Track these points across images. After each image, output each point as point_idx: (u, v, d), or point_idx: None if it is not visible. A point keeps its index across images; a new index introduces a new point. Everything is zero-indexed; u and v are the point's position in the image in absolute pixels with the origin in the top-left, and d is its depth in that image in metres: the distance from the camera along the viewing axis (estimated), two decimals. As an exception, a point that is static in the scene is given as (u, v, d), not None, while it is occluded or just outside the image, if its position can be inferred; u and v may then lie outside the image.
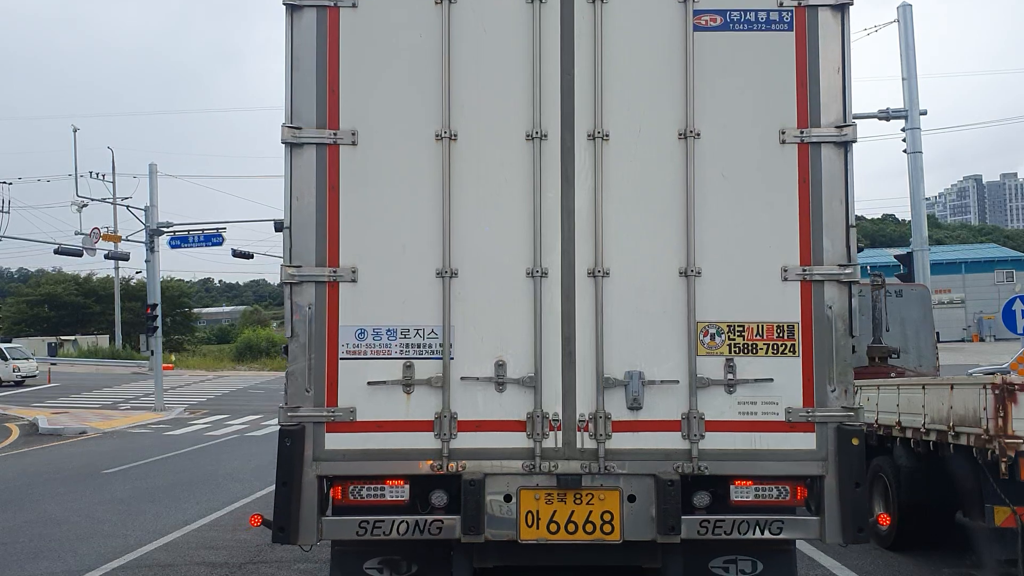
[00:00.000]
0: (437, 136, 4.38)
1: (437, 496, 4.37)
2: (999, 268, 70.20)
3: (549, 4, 4.35)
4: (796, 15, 4.34)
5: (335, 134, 4.38)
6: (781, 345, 4.34)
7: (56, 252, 33.08)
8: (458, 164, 4.38)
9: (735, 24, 4.36)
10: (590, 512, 4.22)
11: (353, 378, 4.41)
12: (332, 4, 4.35)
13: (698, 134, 4.35)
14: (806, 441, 4.28)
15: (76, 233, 40.27)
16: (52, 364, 55.95)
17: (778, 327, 4.34)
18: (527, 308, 4.36)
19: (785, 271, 4.34)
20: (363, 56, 4.41)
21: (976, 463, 6.51)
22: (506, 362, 4.35)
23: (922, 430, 7.36)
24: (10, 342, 49.82)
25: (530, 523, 4.23)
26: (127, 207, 42.37)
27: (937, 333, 13.36)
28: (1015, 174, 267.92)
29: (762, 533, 4.22)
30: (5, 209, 35.76)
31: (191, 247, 28.92)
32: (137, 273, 58.96)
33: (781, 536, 4.29)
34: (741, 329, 4.33)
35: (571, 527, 4.23)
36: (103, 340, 64.13)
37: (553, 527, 4.23)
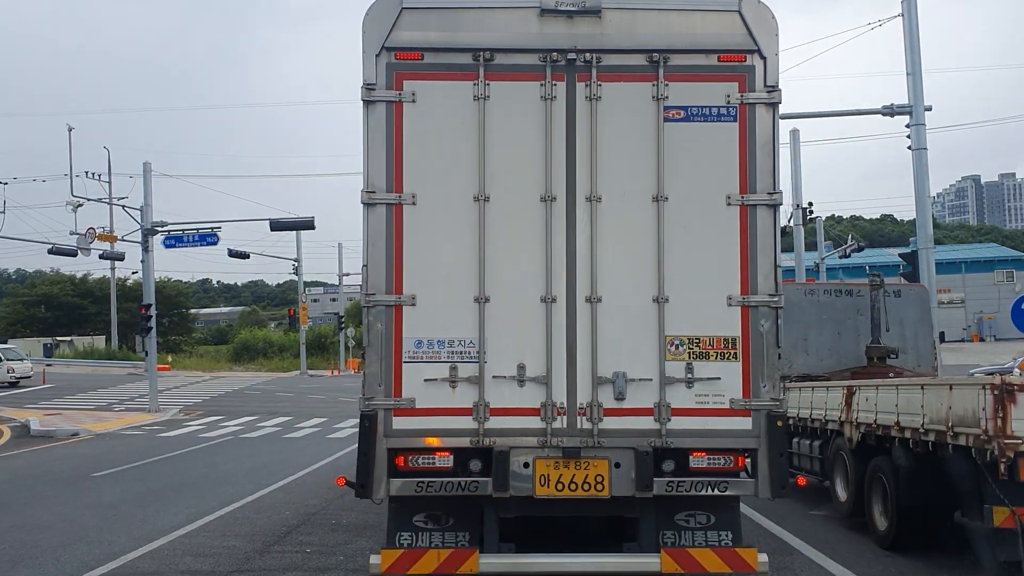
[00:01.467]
0: (475, 198, 5.78)
1: (474, 464, 5.72)
2: (999, 268, 69.99)
3: (557, 102, 5.80)
4: (739, 110, 5.78)
5: (400, 196, 5.76)
6: (726, 353, 5.77)
7: (50, 252, 32.76)
8: (490, 219, 5.78)
9: (694, 117, 5.81)
10: (587, 475, 5.68)
11: (413, 376, 5.73)
12: (397, 100, 5.76)
13: (666, 198, 5.77)
14: (744, 423, 5.71)
15: (71, 233, 40.06)
16: (48, 365, 55.62)
17: (724, 340, 5.76)
18: (541, 325, 5.77)
19: (730, 299, 5.75)
20: (419, 137, 5.79)
21: (975, 463, 6.62)
22: (525, 365, 5.75)
23: (921, 430, 7.39)
24: (5, 343, 49.41)
25: (543, 483, 5.67)
26: (123, 207, 42.15)
27: (942, 333, 13.09)
28: (1013, 174, 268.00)
29: (712, 491, 5.71)
30: (1, 209, 35.48)
31: (186, 246, 28.63)
32: (133, 273, 58.59)
33: (727, 493, 5.78)
34: (697, 341, 5.76)
35: (572, 486, 5.68)
36: (100, 341, 63.81)
37: (559, 486, 5.67)
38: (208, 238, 27.99)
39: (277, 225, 28.06)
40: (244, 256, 42.76)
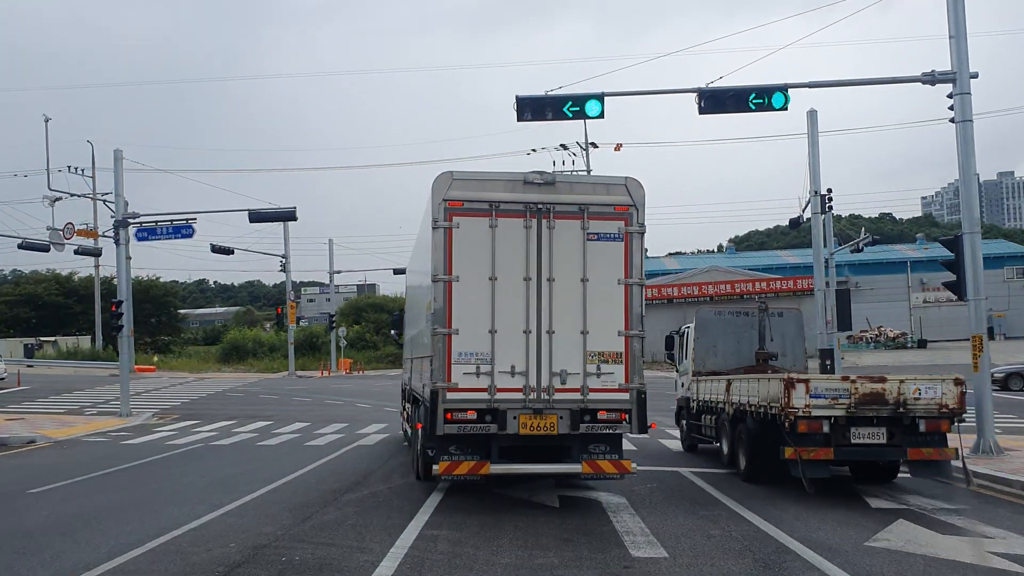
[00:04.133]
0: (490, 279, 10.26)
1: (487, 417, 10.18)
2: (1009, 265, 68.17)
3: (532, 229, 10.32)
4: (624, 236, 10.42)
5: (450, 276, 10.19)
6: (616, 360, 10.39)
7: (20, 247, 30.94)
8: (498, 289, 10.28)
9: (602, 238, 10.39)
10: (546, 422, 10.26)
11: (457, 370, 10.15)
12: (449, 227, 10.18)
13: (588, 280, 10.37)
14: (625, 396, 10.38)
15: (49, 228, 38.29)
16: (28, 366, 53.85)
17: (616, 353, 10.37)
18: (523, 345, 10.30)
19: (619, 332, 10.40)
20: (461, 246, 10.21)
21: (778, 422, 11.52)
22: (515, 366, 10.25)
23: (759, 406, 12.24)
24: (-17, 343, 47.52)
25: (523, 427, 10.23)
26: (105, 203, 40.37)
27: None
28: (1012, 172, 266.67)
29: (610, 431, 10.43)
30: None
31: (159, 239, 26.85)
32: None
33: (616, 432, 10.52)
34: (602, 354, 10.35)
35: (538, 428, 10.27)
36: (86, 341, 61.93)
37: (532, 428, 10.26)
38: (183, 230, 26.23)
39: (257, 216, 26.30)
40: (228, 252, 41.04)
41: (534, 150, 53.03)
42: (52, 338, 61.96)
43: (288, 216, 25.99)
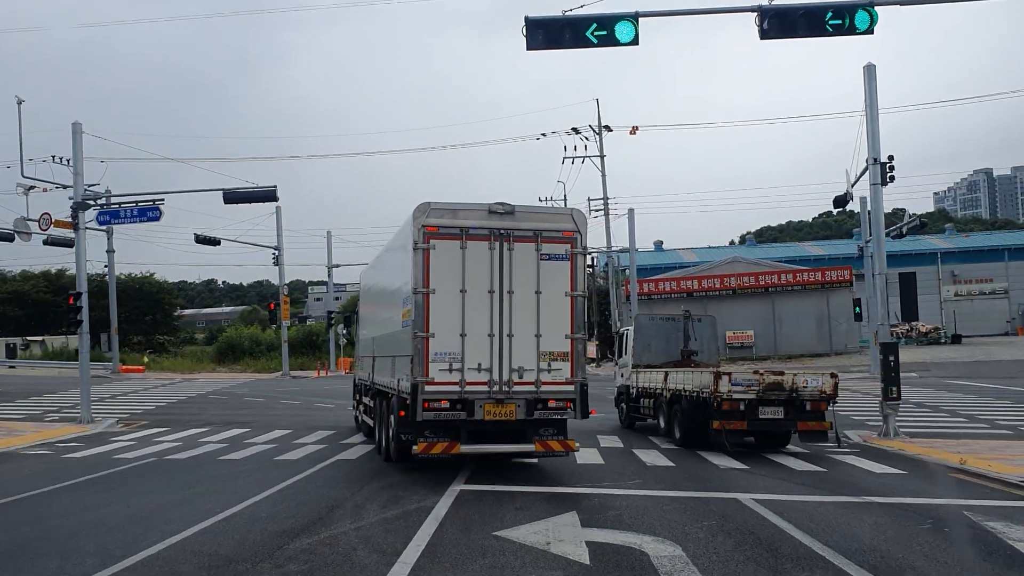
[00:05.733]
0: (461, 291, 12.13)
1: (457, 406, 12.08)
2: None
3: (495, 251, 12.25)
4: (570, 257, 12.51)
5: (427, 289, 12.02)
6: (564, 358, 12.41)
7: (-22, 236, 27.87)
8: (467, 300, 12.16)
9: (552, 259, 12.42)
10: (506, 410, 12.22)
11: (433, 367, 11.98)
12: (427, 248, 12.01)
13: (541, 292, 12.37)
14: (571, 388, 12.41)
15: (25, 219, 35.37)
16: (11, 367, 51.08)
17: (563, 352, 12.40)
18: (487, 346, 12.21)
19: (565, 335, 12.44)
20: (436, 265, 12.06)
21: (709, 403, 15.74)
22: (481, 363, 12.16)
23: (691, 390, 16.71)
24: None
25: (487, 413, 12.19)
26: (94, 194, 37.46)
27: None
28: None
29: (558, 416, 12.55)
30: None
31: (124, 223, 23.84)
32: (105, 267, 53.59)
33: (562, 418, 12.66)
34: (553, 353, 12.35)
35: (499, 414, 12.24)
36: (75, 341, 58.96)
37: (494, 414, 12.22)
38: (149, 212, 23.18)
39: (232, 197, 23.24)
40: (214, 242, 38.05)
41: (543, 134, 49.87)
42: (40, 338, 59.09)
43: (267, 196, 22.94)
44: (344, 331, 26.00)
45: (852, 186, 23.58)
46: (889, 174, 19.44)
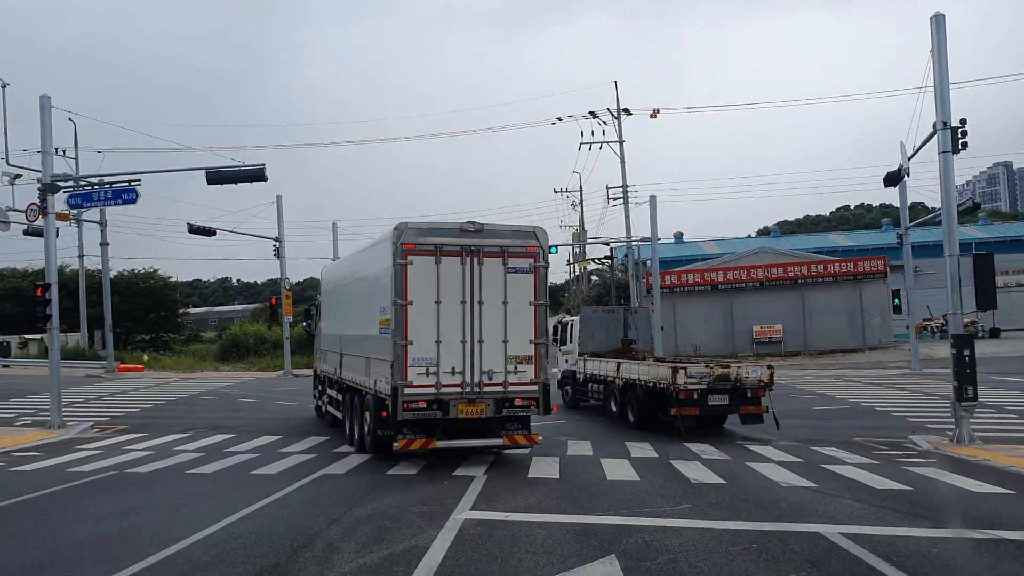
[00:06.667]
0: (435, 302, 13.13)
1: (433, 406, 13.13)
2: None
3: (467, 266, 13.32)
4: (533, 270, 13.64)
5: (406, 300, 13.00)
6: (528, 361, 13.58)
7: (-50, 225, 25.61)
8: (442, 310, 13.17)
9: (518, 271, 13.56)
10: (477, 408, 13.33)
11: (412, 371, 13.00)
12: (405, 263, 12.98)
13: (508, 302, 13.50)
14: (535, 387, 13.57)
15: (9, 209, 33.26)
16: (4, 366, 49.13)
17: (528, 356, 13.56)
18: (460, 352, 13.27)
19: (530, 341, 13.59)
20: (413, 278, 13.04)
21: (666, 393, 17.44)
22: (455, 367, 13.24)
23: (647, 380, 18.45)
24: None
25: (461, 412, 13.27)
26: (90, 184, 35.29)
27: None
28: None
29: (523, 413, 13.74)
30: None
31: (96, 205, 21.60)
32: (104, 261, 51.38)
33: (527, 414, 13.83)
34: (519, 357, 13.52)
35: (471, 412, 13.32)
36: (74, 339, 56.95)
37: (467, 412, 13.31)
38: (124, 194, 20.87)
39: (216, 176, 20.84)
40: (209, 233, 35.78)
41: (559, 119, 47.27)
42: (38, 336, 56.94)
43: (254, 176, 20.56)
44: (306, 324, 25.89)
45: (909, 159, 20.93)
46: (961, 140, 16.84)
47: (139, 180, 21.09)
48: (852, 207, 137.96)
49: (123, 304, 63.12)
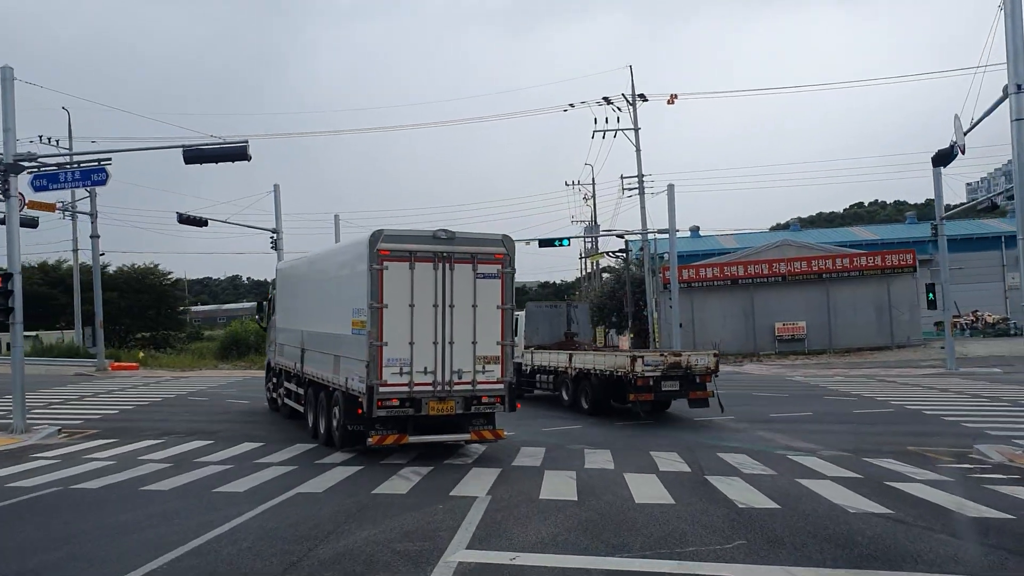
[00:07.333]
0: (410, 306, 13.62)
1: (406, 403, 13.63)
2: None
3: (439, 271, 13.83)
4: (500, 275, 14.21)
5: (382, 304, 13.47)
6: (496, 361, 14.17)
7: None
8: (415, 313, 13.66)
9: (486, 277, 14.10)
10: (447, 405, 13.87)
11: (386, 371, 13.45)
12: (380, 268, 13.43)
13: (477, 306, 14.04)
14: (500, 386, 14.19)
15: (-5, 200, 31.39)
16: (-6, 365, 47.29)
17: (495, 356, 14.15)
18: (432, 353, 13.78)
19: (497, 342, 14.19)
20: (389, 283, 13.53)
21: (623, 380, 19.33)
22: (427, 367, 13.72)
23: (602, 369, 20.22)
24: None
25: (432, 409, 13.77)
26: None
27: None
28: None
29: (490, 410, 14.37)
30: None
31: (64, 187, 19.60)
32: (102, 255, 49.59)
33: (493, 411, 14.48)
34: (486, 357, 14.10)
35: (442, 409, 13.85)
36: (70, 335, 55.21)
37: (437, 410, 13.82)
38: (93, 175, 18.92)
39: (194, 154, 18.84)
40: (201, 223, 33.81)
41: (571, 105, 45.14)
42: (34, 332, 55.25)
43: (236, 154, 18.57)
44: (257, 318, 26.26)
45: (966, 134, 18.74)
46: (1037, 106, 14.64)
47: (109, 159, 19.10)
48: (866, 204, 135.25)
49: (122, 300, 61.38)
